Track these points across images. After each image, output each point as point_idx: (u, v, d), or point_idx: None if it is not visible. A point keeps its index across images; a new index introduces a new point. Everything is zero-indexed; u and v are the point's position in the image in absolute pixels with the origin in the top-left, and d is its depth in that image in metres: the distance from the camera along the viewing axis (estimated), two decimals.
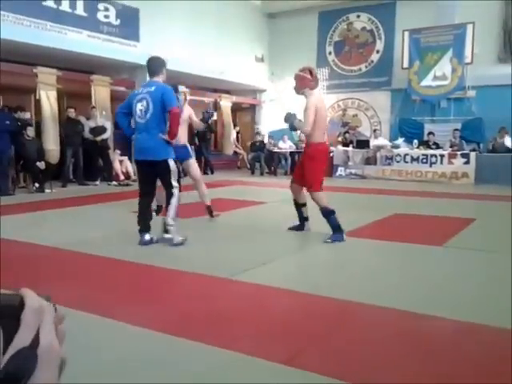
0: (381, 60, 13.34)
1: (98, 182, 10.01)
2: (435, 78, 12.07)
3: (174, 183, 4.35)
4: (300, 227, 4.96)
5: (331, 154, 12.36)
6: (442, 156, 10.77)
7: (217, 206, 5.88)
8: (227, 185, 9.35)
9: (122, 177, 10.25)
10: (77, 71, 10.03)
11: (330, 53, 14.16)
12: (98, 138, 9.95)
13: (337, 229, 4.54)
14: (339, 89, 13.96)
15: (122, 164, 10.52)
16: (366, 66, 13.63)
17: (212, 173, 12.69)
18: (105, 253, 4.04)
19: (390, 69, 13.10)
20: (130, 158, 10.93)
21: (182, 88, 5.57)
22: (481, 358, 2.18)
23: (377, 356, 2.19)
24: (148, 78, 4.52)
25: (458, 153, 10.67)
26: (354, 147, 12.27)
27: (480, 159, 10.44)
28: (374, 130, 13.28)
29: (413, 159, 11.09)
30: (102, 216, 6.18)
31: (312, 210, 4.84)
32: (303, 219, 4.96)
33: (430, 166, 10.86)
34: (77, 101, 10.36)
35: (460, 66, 11.73)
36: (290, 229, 5.00)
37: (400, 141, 11.98)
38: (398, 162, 11.25)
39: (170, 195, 4.37)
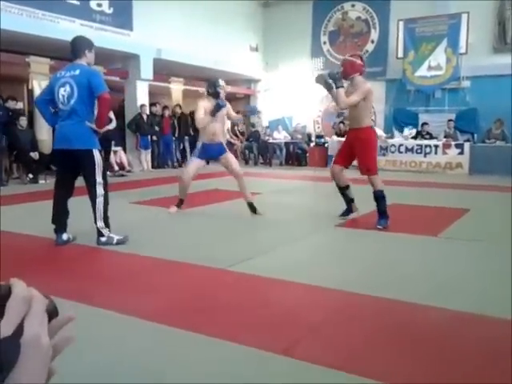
0: (376, 50, 13.29)
1: None
2: (430, 68, 12.06)
3: (99, 179, 3.93)
4: (348, 211, 5.11)
5: (326, 145, 12.40)
6: (436, 146, 10.79)
7: (213, 197, 5.87)
8: (221, 175, 9.33)
9: (116, 167, 10.22)
10: (70, 60, 9.91)
11: (324, 42, 14.09)
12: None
13: (384, 213, 4.72)
14: None
15: (116, 154, 10.49)
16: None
17: (207, 163, 12.63)
18: (99, 244, 4.03)
19: (384, 59, 13.06)
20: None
21: (221, 82, 5.34)
22: (480, 349, 2.20)
23: (375, 346, 2.20)
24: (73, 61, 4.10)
25: (453, 143, 10.71)
26: None
27: (474, 149, 10.48)
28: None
29: (407, 149, 11.12)
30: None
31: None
32: (350, 200, 5.09)
33: (425, 156, 10.89)
34: None
35: (455, 56, 11.72)
36: (341, 215, 5.10)
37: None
38: (392, 152, 11.27)
39: (94, 194, 3.95)
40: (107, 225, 4.01)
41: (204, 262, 3.49)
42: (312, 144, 12.98)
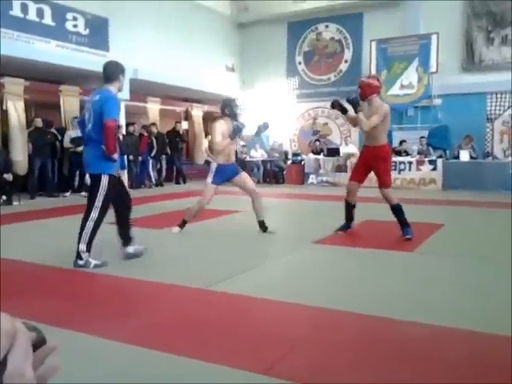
0: (349, 69, 13.58)
1: (68, 194, 9.84)
2: (402, 86, 12.37)
3: (97, 203, 3.95)
4: (347, 226, 5.33)
5: (303, 163, 12.54)
6: (410, 163, 11.01)
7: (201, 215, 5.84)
8: (200, 194, 9.33)
9: None
10: (45, 81, 9.88)
11: (299, 62, 14.34)
12: (79, 149, 9.81)
13: (406, 223, 4.95)
14: (309, 98, 14.14)
15: None
16: (335, 76, 13.85)
17: (184, 182, 12.64)
18: (75, 266, 3.98)
19: (358, 78, 13.27)
20: None
21: (238, 102, 5.39)
22: (455, 361, 2.24)
23: (355, 363, 2.22)
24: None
25: (426, 159, 10.94)
26: (324, 155, 12.44)
27: (446, 166, 10.73)
28: (345, 138, 13.50)
29: None
30: (72, 228, 6.07)
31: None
32: (351, 219, 5.35)
33: (399, 172, 11.08)
34: (46, 111, 10.19)
35: (426, 75, 12.05)
36: (338, 230, 5.31)
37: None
38: None
39: (87, 216, 3.96)
40: (88, 249, 3.96)
41: (182, 282, 3.48)
42: (289, 162, 13.10)
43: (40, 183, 9.64)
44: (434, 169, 10.75)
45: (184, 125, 13.85)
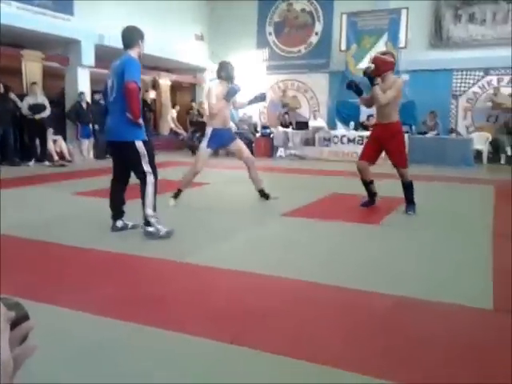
0: (319, 42, 13.53)
1: (31, 163, 9.57)
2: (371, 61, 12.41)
3: (146, 168, 3.90)
4: (371, 202, 5.40)
5: (271, 136, 12.54)
6: None
7: (162, 188, 5.81)
8: (168, 165, 9.24)
9: (55, 157, 9.87)
10: (6, 45, 9.45)
11: (270, 33, 14.17)
12: (38, 116, 9.50)
13: (412, 201, 5.05)
14: (279, 70, 14.05)
15: (56, 144, 10.12)
16: (306, 48, 13.78)
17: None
18: (44, 237, 3.92)
19: (328, 51, 13.32)
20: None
21: (233, 65, 5.41)
22: (416, 330, 2.35)
23: (324, 333, 2.30)
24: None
25: None
26: (293, 128, 12.47)
27: (412, 141, 10.93)
28: (313, 111, 13.55)
29: (349, 140, 11.43)
30: (38, 199, 5.95)
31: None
32: (373, 194, 5.40)
33: None
34: (7, 76, 9.79)
35: (395, 50, 12.12)
36: (362, 205, 5.37)
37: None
38: (335, 143, 11.56)
39: (143, 183, 3.93)
40: (154, 212, 3.93)
41: (151, 254, 3.48)
42: (258, 134, 13.07)
43: (1, 152, 9.34)
44: None
45: (152, 94, 13.57)
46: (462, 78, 12.08)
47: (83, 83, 10.72)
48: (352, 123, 12.13)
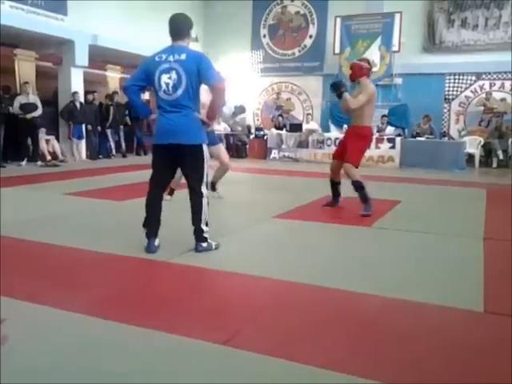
0: (313, 45, 13.57)
1: (23, 163, 9.51)
2: None
3: (205, 178, 3.54)
4: (334, 202, 5.53)
5: (265, 138, 12.56)
6: None
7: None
8: None
9: (48, 157, 9.82)
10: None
11: (264, 36, 14.20)
12: (29, 116, 9.44)
13: (366, 201, 5.07)
14: (273, 72, 14.08)
15: (49, 143, 10.08)
16: (300, 51, 13.81)
17: (145, 154, 12.43)
18: (32, 237, 3.90)
19: (322, 54, 13.37)
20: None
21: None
22: (405, 331, 2.35)
23: (315, 334, 2.30)
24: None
25: (385, 137, 11.16)
26: (287, 130, 12.49)
27: (405, 144, 10.99)
28: (307, 115, 13.59)
29: None
30: (29, 199, 5.91)
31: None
32: (338, 195, 5.54)
33: None
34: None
35: (388, 53, 12.19)
36: (324, 206, 5.50)
37: None
38: (328, 145, 11.59)
39: (199, 194, 3.52)
40: (207, 227, 3.62)
41: (142, 255, 3.46)
42: (252, 136, 13.09)
43: None
44: (393, 147, 10.98)
45: (146, 95, 13.52)
46: (455, 82, 12.16)
47: (76, 83, 10.68)
48: (345, 126, 12.14)
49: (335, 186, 5.54)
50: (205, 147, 3.53)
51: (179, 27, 3.52)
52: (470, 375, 1.94)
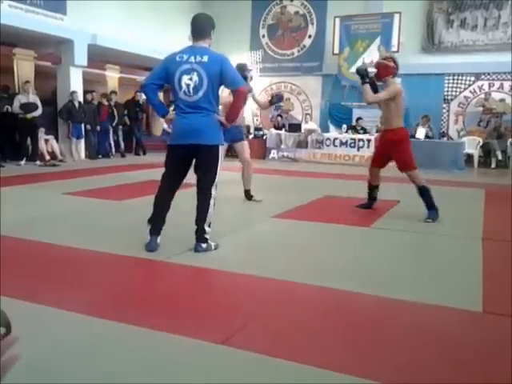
0: (313, 45, 13.58)
1: (22, 162, 9.50)
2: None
3: (217, 179, 3.54)
4: (369, 205, 5.44)
5: (264, 137, 12.56)
6: (368, 141, 11.22)
7: (150, 189, 5.78)
8: (159, 166, 9.22)
9: (47, 157, 9.81)
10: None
11: (263, 35, 14.20)
12: (29, 116, 9.43)
13: (432, 206, 4.85)
14: (272, 72, 14.08)
15: (48, 143, 10.07)
16: (299, 51, 13.82)
17: (144, 154, 12.43)
18: (31, 236, 3.89)
19: (321, 54, 13.37)
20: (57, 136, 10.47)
21: (249, 66, 5.18)
22: (403, 331, 2.35)
23: (313, 333, 2.30)
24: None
25: None
26: (286, 130, 12.49)
27: None
28: (306, 115, 13.60)
29: (341, 143, 11.48)
30: (28, 198, 5.90)
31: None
32: (373, 199, 5.45)
33: (358, 150, 11.29)
34: None
35: (387, 53, 12.19)
36: (358, 206, 5.43)
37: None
38: (327, 145, 11.60)
39: (208, 195, 3.53)
40: (209, 229, 3.63)
41: (140, 255, 3.46)
42: (251, 136, 13.08)
43: None
44: None
45: (144, 95, 13.53)
46: (454, 82, 12.17)
47: (75, 83, 10.67)
48: (344, 126, 12.21)
49: (373, 189, 5.44)
50: (220, 148, 3.56)
51: (202, 27, 3.51)
52: (468, 375, 1.94)
